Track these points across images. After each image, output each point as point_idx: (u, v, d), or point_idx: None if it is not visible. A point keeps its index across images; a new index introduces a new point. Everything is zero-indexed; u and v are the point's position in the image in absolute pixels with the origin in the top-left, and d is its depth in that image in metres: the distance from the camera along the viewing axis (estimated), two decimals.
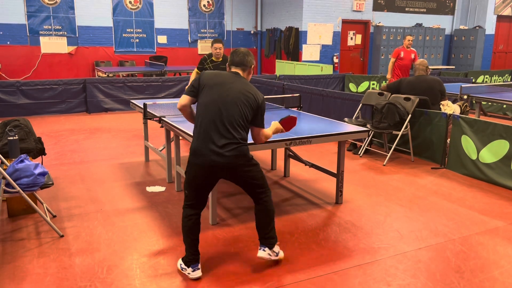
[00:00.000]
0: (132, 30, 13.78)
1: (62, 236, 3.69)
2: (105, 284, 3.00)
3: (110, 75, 10.78)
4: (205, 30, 14.84)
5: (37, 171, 3.56)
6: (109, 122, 8.60)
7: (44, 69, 12.84)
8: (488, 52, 16.52)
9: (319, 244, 3.63)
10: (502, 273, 3.23)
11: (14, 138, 4.15)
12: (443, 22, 16.34)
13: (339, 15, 14.22)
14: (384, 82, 11.51)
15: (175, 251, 3.48)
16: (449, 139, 5.73)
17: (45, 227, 3.84)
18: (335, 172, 4.55)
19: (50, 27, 12.73)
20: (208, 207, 4.27)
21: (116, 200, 4.53)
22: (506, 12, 16.56)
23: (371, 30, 15.00)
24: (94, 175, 5.32)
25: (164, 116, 4.77)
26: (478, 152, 5.30)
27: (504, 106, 9.34)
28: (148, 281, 3.05)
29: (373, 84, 11.56)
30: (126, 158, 6.08)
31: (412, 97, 5.99)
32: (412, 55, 9.12)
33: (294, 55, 13.99)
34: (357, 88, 11.44)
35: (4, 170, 3.51)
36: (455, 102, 7.04)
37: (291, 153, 5.19)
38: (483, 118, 5.85)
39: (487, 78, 12.88)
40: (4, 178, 3.46)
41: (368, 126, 6.04)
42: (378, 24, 14.94)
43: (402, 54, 9.06)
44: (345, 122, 5.90)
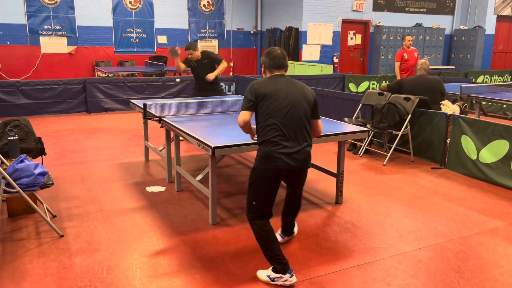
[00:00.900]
0: (132, 30, 13.77)
1: (62, 236, 3.69)
2: (105, 284, 3.00)
3: (110, 75, 10.78)
4: (205, 30, 14.84)
5: (37, 171, 3.56)
6: (109, 122, 8.60)
7: (44, 69, 12.84)
8: (488, 52, 16.52)
9: (319, 244, 3.63)
10: (502, 273, 3.23)
11: (14, 138, 4.15)
12: (443, 22, 16.34)
13: (339, 15, 14.22)
14: (384, 82, 11.51)
15: (175, 251, 3.48)
16: (449, 139, 5.73)
17: (45, 227, 3.84)
18: (335, 172, 4.55)
19: (50, 27, 12.72)
20: (208, 207, 4.27)
21: (116, 200, 4.53)
22: (506, 12, 16.56)
23: (371, 30, 15.00)
24: (94, 175, 5.32)
25: (164, 116, 4.77)
26: (478, 152, 5.30)
27: (504, 106, 9.34)
28: (148, 281, 3.05)
29: (373, 84, 11.56)
30: (126, 158, 6.08)
31: (412, 97, 5.99)
32: (415, 54, 9.09)
33: (294, 55, 13.99)
34: (357, 88, 11.44)
35: (4, 170, 3.51)
36: (455, 102, 7.04)
37: None
38: (483, 118, 5.85)
39: (487, 78, 12.88)
40: (4, 178, 3.46)
41: (368, 126, 6.04)
42: (378, 24, 14.94)
43: (406, 56, 8.99)
44: (345, 122, 5.90)
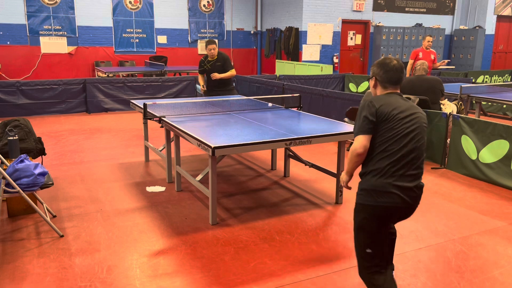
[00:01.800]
0: (132, 30, 13.77)
1: (62, 236, 3.69)
2: (105, 284, 3.00)
3: (110, 75, 10.78)
4: (205, 30, 14.83)
5: (37, 171, 3.56)
6: (109, 122, 8.60)
7: (44, 69, 12.84)
8: (488, 52, 16.52)
9: (319, 244, 3.62)
10: (502, 273, 3.23)
11: (14, 138, 4.15)
12: (443, 22, 16.34)
13: (339, 15, 14.22)
14: None
15: (175, 251, 3.48)
16: (449, 139, 5.73)
17: (45, 227, 3.84)
18: (335, 172, 4.55)
19: (50, 27, 12.73)
20: (208, 207, 4.27)
21: (116, 200, 4.53)
22: (506, 12, 16.56)
23: (371, 30, 15.00)
24: (94, 175, 5.32)
25: (164, 116, 4.77)
26: (478, 152, 5.30)
27: (504, 106, 9.33)
28: (148, 281, 3.05)
29: None
30: (126, 158, 6.08)
31: (412, 97, 5.99)
32: (432, 56, 8.84)
33: (294, 55, 13.99)
34: (357, 88, 11.44)
35: (4, 170, 3.51)
36: (453, 102, 7.04)
37: (291, 153, 5.19)
38: (483, 118, 5.85)
39: (487, 78, 12.88)
40: (4, 178, 3.46)
41: None
42: (378, 24, 14.94)
43: (421, 55, 8.82)
44: (345, 122, 5.90)
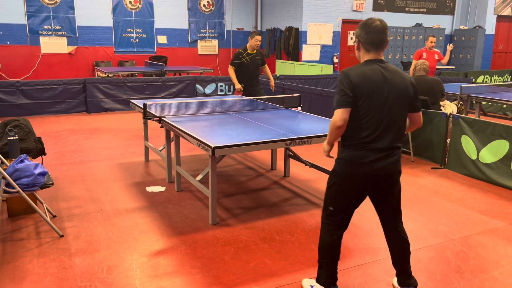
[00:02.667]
0: (132, 30, 13.78)
1: (62, 236, 3.69)
2: (105, 284, 3.00)
3: (110, 75, 10.78)
4: (205, 30, 14.84)
5: (37, 171, 3.56)
6: (109, 122, 8.60)
7: (44, 69, 12.84)
8: (488, 52, 16.52)
9: None
10: (502, 273, 3.23)
11: (14, 138, 4.15)
12: (443, 22, 16.34)
13: (339, 15, 14.22)
14: None
15: (175, 251, 3.48)
16: (449, 139, 5.73)
17: (45, 227, 3.84)
18: None
19: (50, 27, 12.73)
20: (208, 207, 4.27)
21: (116, 200, 4.53)
22: (506, 12, 16.56)
23: None
24: (94, 175, 5.32)
25: (164, 116, 4.77)
26: (478, 152, 5.30)
27: (504, 106, 9.33)
28: (148, 281, 3.05)
29: None
30: (126, 158, 6.08)
31: None
32: (436, 56, 8.80)
33: (294, 55, 13.99)
34: None
35: (4, 170, 3.51)
36: (453, 102, 7.04)
37: (291, 153, 5.19)
38: (483, 118, 5.85)
39: (487, 78, 12.88)
40: (4, 178, 3.46)
41: None
42: None
43: (425, 55, 8.77)
44: None
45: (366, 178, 2.62)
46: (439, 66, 12.27)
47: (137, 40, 13.89)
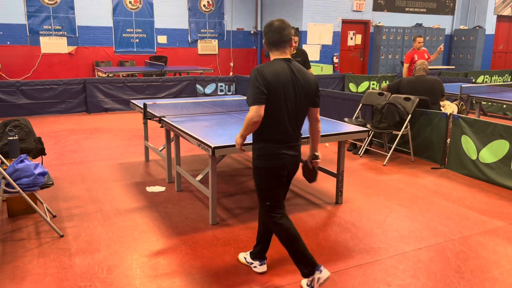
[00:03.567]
0: (132, 30, 13.77)
1: (62, 236, 3.69)
2: (105, 284, 3.00)
3: (110, 75, 10.77)
4: (205, 30, 14.83)
5: (37, 171, 3.56)
6: (109, 122, 8.60)
7: (44, 69, 12.83)
8: (488, 52, 16.52)
9: (319, 244, 3.62)
10: (502, 273, 3.23)
11: (14, 138, 4.15)
12: (443, 22, 16.34)
13: (339, 15, 14.22)
14: (384, 82, 11.51)
15: (175, 251, 3.48)
16: (449, 139, 5.73)
17: (45, 227, 3.84)
18: (335, 172, 4.55)
19: (50, 27, 12.72)
20: (208, 207, 4.27)
21: (116, 200, 4.53)
22: (506, 12, 16.56)
23: (371, 30, 15.00)
24: (94, 175, 5.32)
25: (164, 116, 4.77)
26: (478, 152, 5.30)
27: (504, 106, 9.33)
28: (148, 281, 3.05)
29: (373, 84, 11.56)
30: (126, 158, 6.08)
31: (412, 97, 5.99)
32: (426, 55, 8.81)
33: None
34: (357, 88, 11.44)
35: (4, 170, 3.51)
36: (453, 102, 7.04)
37: None
38: (483, 118, 5.85)
39: (487, 78, 12.89)
40: (4, 178, 3.46)
41: (368, 126, 6.04)
42: (378, 24, 14.94)
43: (416, 57, 8.78)
44: (345, 122, 5.90)
45: (283, 167, 2.86)
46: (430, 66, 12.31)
47: (137, 40, 13.89)
